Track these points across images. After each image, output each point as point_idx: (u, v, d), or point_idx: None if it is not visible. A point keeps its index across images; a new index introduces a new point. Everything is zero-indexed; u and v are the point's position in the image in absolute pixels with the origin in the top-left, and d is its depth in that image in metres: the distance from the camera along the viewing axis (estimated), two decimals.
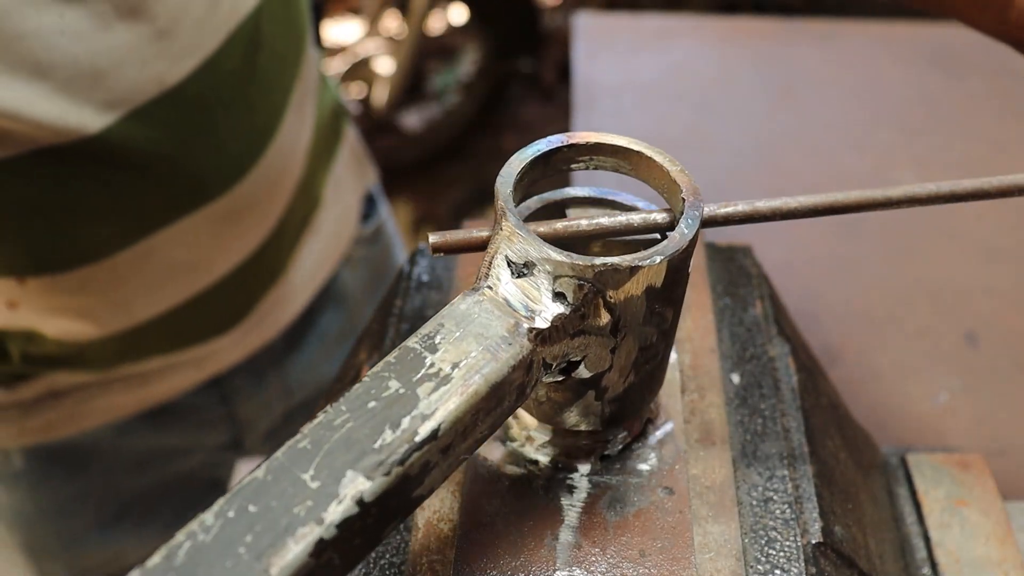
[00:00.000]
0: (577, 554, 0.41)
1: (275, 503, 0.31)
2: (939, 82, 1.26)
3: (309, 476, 0.32)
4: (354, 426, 0.33)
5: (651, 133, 1.21)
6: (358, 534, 0.32)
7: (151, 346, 0.83)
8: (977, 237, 1.03)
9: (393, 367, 0.35)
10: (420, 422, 0.33)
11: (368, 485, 0.32)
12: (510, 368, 0.35)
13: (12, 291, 0.73)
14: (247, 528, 0.30)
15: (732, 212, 0.42)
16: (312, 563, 0.30)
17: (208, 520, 0.31)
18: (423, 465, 0.33)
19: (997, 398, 0.82)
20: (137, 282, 0.76)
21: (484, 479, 0.44)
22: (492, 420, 0.36)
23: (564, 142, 0.42)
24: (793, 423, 0.49)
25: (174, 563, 0.29)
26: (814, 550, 0.43)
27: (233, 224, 0.79)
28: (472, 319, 0.36)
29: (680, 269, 0.39)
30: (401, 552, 0.43)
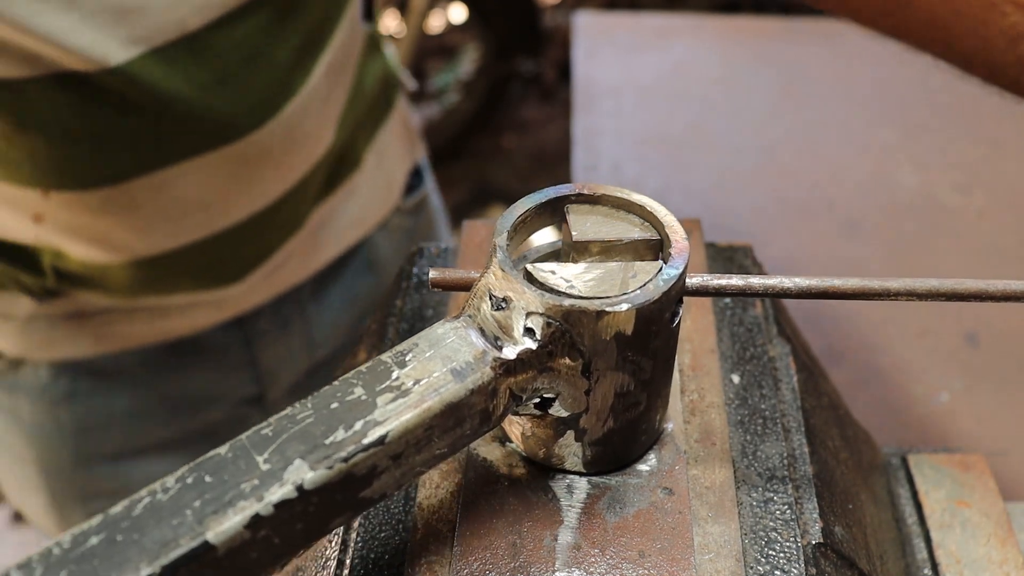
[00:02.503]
0: (576, 555, 0.41)
1: (228, 477, 0.35)
2: (939, 82, 1.26)
3: (262, 459, 0.35)
4: (313, 422, 0.36)
5: (651, 133, 1.21)
6: (299, 519, 0.35)
7: (171, 281, 0.86)
8: (978, 237, 1.02)
9: (362, 375, 0.38)
10: (371, 427, 0.36)
11: (310, 475, 0.35)
12: (468, 392, 0.38)
13: (37, 203, 0.77)
14: (198, 495, 0.34)
15: (725, 284, 0.42)
16: (248, 535, 0.33)
17: (169, 483, 0.35)
18: (370, 467, 0.36)
19: (998, 398, 0.82)
20: (154, 212, 0.80)
21: (483, 480, 0.44)
22: (452, 439, 0.39)
23: (572, 191, 0.43)
24: (793, 423, 0.49)
25: (132, 513, 0.34)
26: (814, 551, 0.43)
27: (249, 171, 0.82)
28: (444, 342, 0.39)
29: (654, 321, 0.39)
30: (400, 553, 0.43)
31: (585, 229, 0.42)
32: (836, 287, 0.42)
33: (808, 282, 0.42)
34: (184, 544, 0.33)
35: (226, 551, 0.33)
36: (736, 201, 1.11)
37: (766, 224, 1.07)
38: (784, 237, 1.04)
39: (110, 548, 0.33)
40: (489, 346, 0.39)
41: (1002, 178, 1.12)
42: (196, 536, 0.33)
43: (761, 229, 1.06)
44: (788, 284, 0.42)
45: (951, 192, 1.10)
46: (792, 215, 1.09)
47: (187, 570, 0.33)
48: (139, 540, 0.33)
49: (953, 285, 0.41)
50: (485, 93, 2.89)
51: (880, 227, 1.05)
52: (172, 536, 0.33)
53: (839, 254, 1.00)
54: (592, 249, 0.41)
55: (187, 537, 0.33)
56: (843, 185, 1.12)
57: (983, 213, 1.06)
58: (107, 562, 0.32)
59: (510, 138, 3.00)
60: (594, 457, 0.44)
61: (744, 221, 1.08)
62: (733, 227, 1.06)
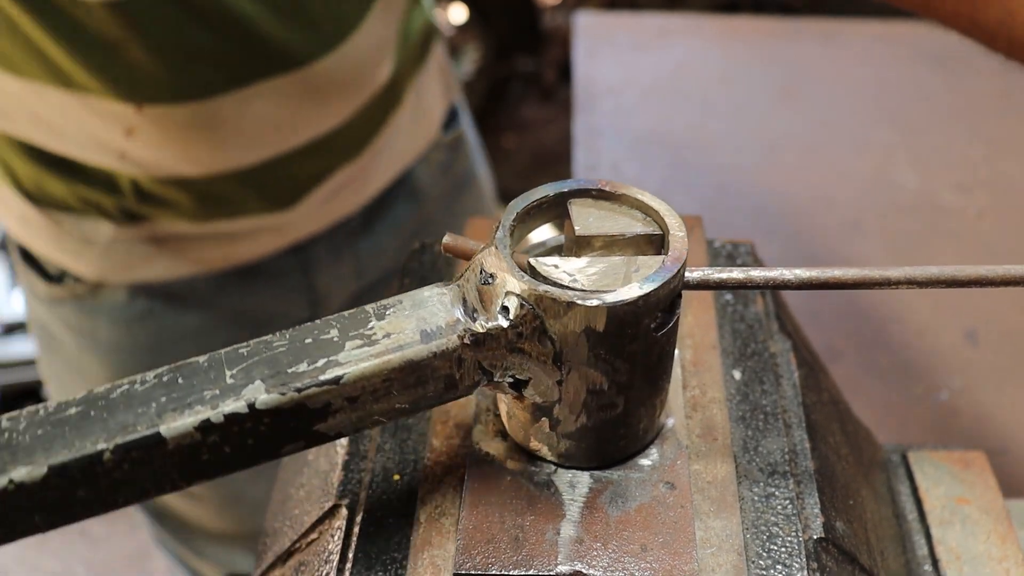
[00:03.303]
0: (579, 548, 0.41)
1: (196, 383, 0.38)
2: (939, 82, 1.26)
3: (230, 374, 0.38)
4: (284, 351, 0.39)
5: (651, 133, 1.21)
6: (249, 435, 0.38)
7: (239, 201, 0.94)
8: (978, 237, 1.03)
9: (343, 320, 0.40)
10: (332, 366, 0.38)
11: (264, 396, 0.37)
12: (432, 354, 0.39)
13: (131, 117, 0.85)
14: (167, 392, 0.38)
15: (726, 278, 0.42)
16: (198, 437, 0.37)
17: (149, 377, 0.39)
18: (325, 403, 0.38)
19: (998, 396, 0.82)
20: (232, 129, 0.89)
21: (485, 474, 0.44)
22: (413, 397, 0.40)
23: (595, 186, 0.43)
24: (794, 419, 0.49)
25: (109, 395, 0.38)
26: (815, 545, 0.43)
27: (315, 97, 0.91)
28: (425, 305, 0.41)
29: (629, 324, 0.39)
30: (402, 547, 0.43)
31: (588, 224, 0.42)
32: (836, 278, 0.42)
33: (809, 273, 0.42)
34: (139, 431, 0.36)
35: (175, 446, 0.37)
36: (736, 200, 1.11)
37: (766, 223, 1.07)
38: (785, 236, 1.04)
39: (82, 420, 0.37)
40: (465, 316, 0.40)
41: (1002, 178, 1.12)
42: (152, 427, 0.36)
43: (761, 228, 1.06)
44: (789, 276, 0.42)
45: (951, 192, 1.10)
46: (792, 215, 1.09)
47: (138, 454, 0.36)
48: (106, 419, 0.37)
49: (953, 272, 0.42)
50: (485, 93, 2.89)
51: (880, 227, 1.05)
52: (132, 422, 0.37)
53: (839, 253, 1.00)
54: (595, 244, 0.41)
55: (144, 425, 0.37)
56: (843, 185, 1.12)
57: (983, 213, 1.06)
58: (75, 431, 0.36)
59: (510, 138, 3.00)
60: (568, 451, 0.44)
61: (744, 220, 1.08)
62: (733, 227, 1.06)
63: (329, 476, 0.48)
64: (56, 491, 0.36)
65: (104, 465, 0.36)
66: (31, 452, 0.36)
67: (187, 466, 0.38)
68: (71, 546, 2.09)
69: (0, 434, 0.37)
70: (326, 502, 0.47)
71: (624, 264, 0.41)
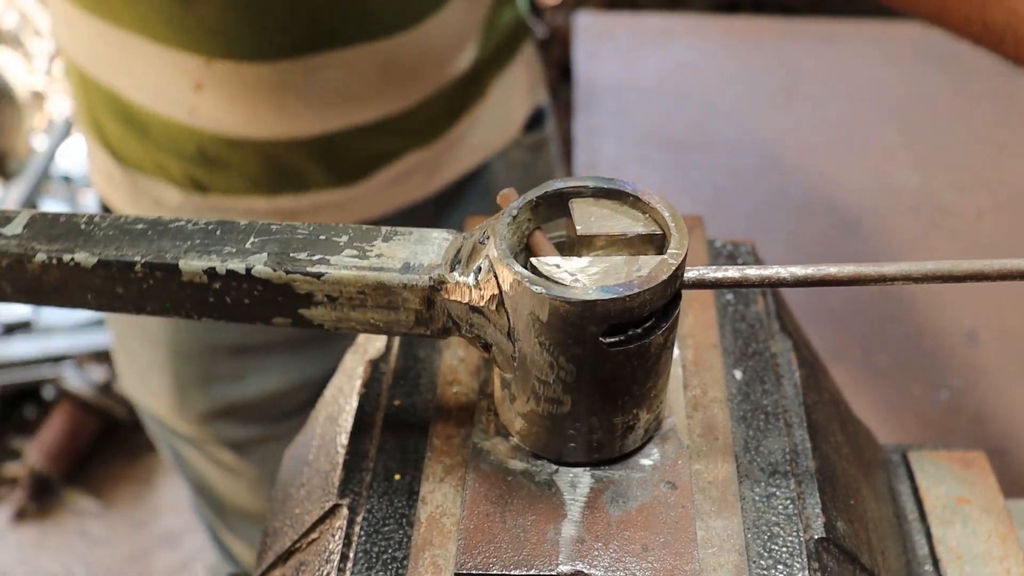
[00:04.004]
0: (580, 548, 0.41)
1: (225, 239, 0.44)
2: (939, 82, 1.26)
3: (252, 241, 0.44)
4: (299, 239, 0.44)
5: (652, 133, 1.21)
6: (245, 295, 0.43)
7: (304, 173, 0.94)
8: (978, 237, 1.03)
9: (358, 231, 0.44)
10: (321, 263, 0.43)
11: (260, 267, 0.43)
12: (402, 285, 0.42)
13: (201, 71, 0.86)
14: (202, 237, 0.44)
15: (722, 277, 0.42)
16: (205, 279, 0.43)
17: (200, 221, 0.45)
18: (307, 292, 0.43)
19: (998, 396, 0.82)
20: (301, 95, 0.88)
21: (486, 473, 0.44)
22: (386, 318, 0.43)
23: (621, 187, 0.43)
24: (795, 419, 0.49)
25: (168, 225, 0.45)
26: (816, 545, 0.43)
27: (388, 72, 0.90)
28: (425, 243, 0.43)
29: (572, 324, 0.39)
30: (404, 546, 0.43)
31: (590, 223, 0.42)
32: (832, 275, 0.42)
33: (805, 271, 0.42)
34: (166, 259, 0.43)
35: (188, 280, 0.43)
36: (736, 200, 1.11)
37: (766, 223, 1.07)
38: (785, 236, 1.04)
39: (139, 236, 0.44)
40: (447, 264, 0.42)
41: (1002, 178, 1.12)
42: (175, 259, 0.43)
43: (761, 228, 1.06)
44: (784, 274, 0.42)
45: (951, 192, 1.10)
46: (792, 215, 1.09)
47: (160, 275, 0.43)
48: (152, 241, 0.44)
49: (949, 267, 0.41)
50: None
51: (880, 227, 1.05)
52: (167, 250, 0.44)
53: (840, 254, 1.00)
54: (597, 243, 0.41)
55: (171, 255, 0.43)
56: (843, 185, 1.12)
57: (983, 213, 1.06)
58: (130, 242, 0.44)
59: None
60: (523, 432, 0.45)
61: (744, 220, 1.08)
62: (733, 227, 1.06)
63: (330, 475, 0.48)
64: (101, 280, 0.44)
65: (136, 274, 0.44)
66: (94, 244, 0.44)
67: (196, 301, 0.44)
68: (71, 546, 2.09)
69: (88, 224, 0.45)
70: (327, 501, 0.47)
71: (625, 264, 0.40)
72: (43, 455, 2.14)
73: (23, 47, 2.97)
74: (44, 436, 2.18)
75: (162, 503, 2.19)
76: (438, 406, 0.48)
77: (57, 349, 2.24)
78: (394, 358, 0.52)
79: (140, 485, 2.22)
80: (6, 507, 2.14)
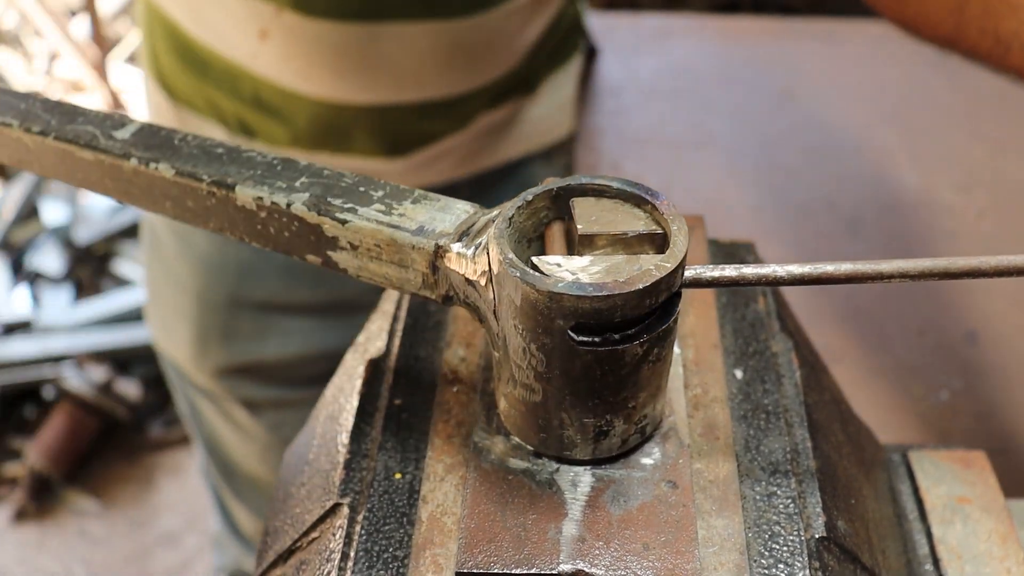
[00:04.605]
0: (581, 547, 0.41)
1: (283, 174, 0.47)
2: (939, 82, 1.26)
3: (302, 180, 0.47)
4: (343, 186, 0.46)
5: (651, 132, 1.21)
6: (284, 228, 0.47)
7: (349, 135, 0.95)
8: (978, 237, 1.03)
9: (394, 188, 0.46)
10: (349, 212, 0.45)
11: (299, 205, 0.45)
12: (412, 246, 0.44)
13: (268, 18, 0.88)
14: (265, 169, 0.47)
15: (719, 276, 0.42)
16: (253, 206, 0.47)
17: (268, 155, 0.48)
18: (333, 236, 0.45)
19: (998, 396, 0.82)
20: (358, 61, 0.90)
21: (487, 472, 0.44)
22: (399, 275, 0.45)
23: (640, 193, 0.43)
24: (796, 419, 0.49)
25: (242, 154, 0.48)
26: (817, 544, 0.43)
27: (448, 54, 0.91)
28: (448, 211, 0.45)
29: (541, 314, 0.39)
30: (404, 546, 0.43)
31: (591, 222, 0.42)
32: (829, 273, 0.42)
33: (802, 269, 0.42)
34: (229, 181, 0.47)
35: (242, 204, 0.47)
36: (736, 200, 1.11)
37: (766, 223, 1.07)
38: (785, 236, 1.04)
39: (214, 158, 0.48)
40: (456, 234, 0.43)
41: (1002, 178, 1.12)
42: (235, 182, 0.47)
43: (761, 228, 1.06)
44: (781, 272, 0.42)
45: (951, 192, 1.10)
46: (792, 215, 1.09)
47: (221, 194, 0.47)
48: (224, 164, 0.48)
49: (946, 264, 0.41)
50: None
51: (880, 227, 1.05)
52: (233, 174, 0.47)
53: (840, 253, 1.00)
54: (598, 242, 0.41)
55: (233, 179, 0.47)
56: (843, 185, 1.12)
57: (983, 213, 1.06)
58: (206, 162, 0.48)
59: None
60: (506, 412, 0.45)
61: (744, 220, 1.08)
62: (733, 227, 1.06)
63: (331, 474, 0.48)
64: (177, 190, 0.48)
65: (201, 191, 0.47)
66: (178, 158, 0.48)
67: (248, 225, 0.48)
68: (71, 546, 2.09)
69: (181, 141, 0.49)
70: (328, 500, 0.47)
71: (626, 263, 0.40)
72: (43, 455, 2.14)
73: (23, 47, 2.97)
74: (44, 436, 2.18)
75: (162, 503, 2.19)
76: (439, 405, 0.48)
77: (57, 349, 2.24)
78: (394, 357, 0.52)
79: (140, 485, 2.22)
80: (6, 507, 2.14)
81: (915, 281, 0.41)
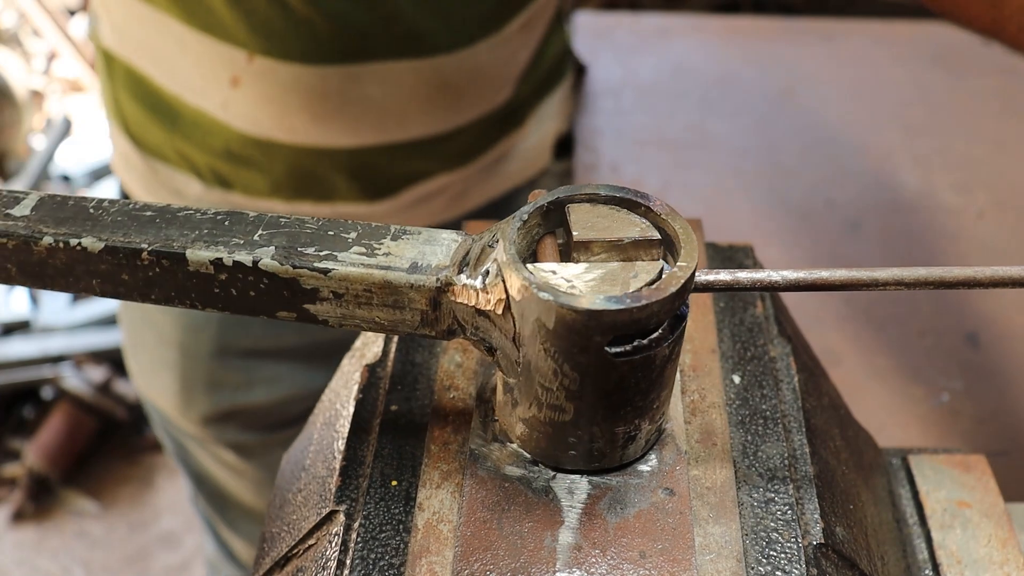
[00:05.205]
0: (577, 555, 0.41)
1: (233, 230, 0.44)
2: (939, 82, 1.26)
3: (260, 233, 0.44)
4: (307, 233, 0.44)
5: (651, 133, 1.21)
6: (251, 287, 0.43)
7: (329, 184, 0.92)
8: (978, 237, 1.02)
9: (367, 227, 0.44)
10: (328, 259, 0.42)
11: (268, 260, 0.42)
12: (409, 285, 0.42)
13: (239, 65, 0.84)
14: (211, 227, 0.44)
15: (713, 280, 0.42)
16: (211, 270, 0.43)
17: (208, 211, 0.45)
18: (314, 288, 0.43)
19: (999, 399, 0.82)
20: (337, 104, 0.86)
21: (484, 480, 0.44)
22: (392, 318, 0.43)
23: (631, 197, 0.43)
24: (794, 424, 0.49)
25: (176, 213, 0.45)
26: (815, 551, 0.43)
27: (430, 93, 0.88)
28: (435, 243, 0.43)
29: (578, 332, 0.38)
30: (400, 553, 0.43)
31: (586, 228, 0.42)
32: (824, 279, 0.41)
33: (796, 275, 0.42)
34: (174, 247, 0.43)
35: (194, 270, 0.43)
36: (736, 201, 1.11)
37: (766, 224, 1.07)
38: (785, 237, 1.04)
39: (147, 222, 0.44)
40: (455, 266, 0.42)
41: (1002, 178, 1.12)
42: (183, 247, 0.43)
43: (761, 229, 1.06)
44: (776, 277, 0.42)
45: (951, 192, 1.10)
46: (792, 215, 1.08)
47: (167, 263, 0.43)
48: (160, 228, 0.44)
49: (941, 273, 0.41)
50: None
51: (880, 227, 1.05)
52: (175, 238, 0.43)
53: (840, 254, 1.00)
54: (593, 249, 0.41)
55: (179, 244, 0.43)
56: (843, 185, 1.12)
57: (983, 213, 1.06)
58: (138, 228, 0.44)
59: None
60: (523, 436, 0.44)
61: (744, 221, 1.08)
62: (733, 227, 1.06)
63: (327, 481, 0.48)
64: (107, 266, 0.44)
65: (142, 261, 0.43)
66: (102, 229, 0.44)
67: (202, 291, 0.44)
68: (70, 547, 2.09)
69: (97, 208, 0.45)
70: (324, 507, 0.46)
71: (622, 270, 0.40)
72: (42, 455, 2.14)
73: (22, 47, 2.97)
74: (43, 436, 2.18)
75: (161, 504, 2.19)
76: (435, 411, 0.48)
77: (56, 349, 2.24)
78: (391, 363, 0.52)
79: (139, 486, 2.22)
80: (5, 508, 2.14)
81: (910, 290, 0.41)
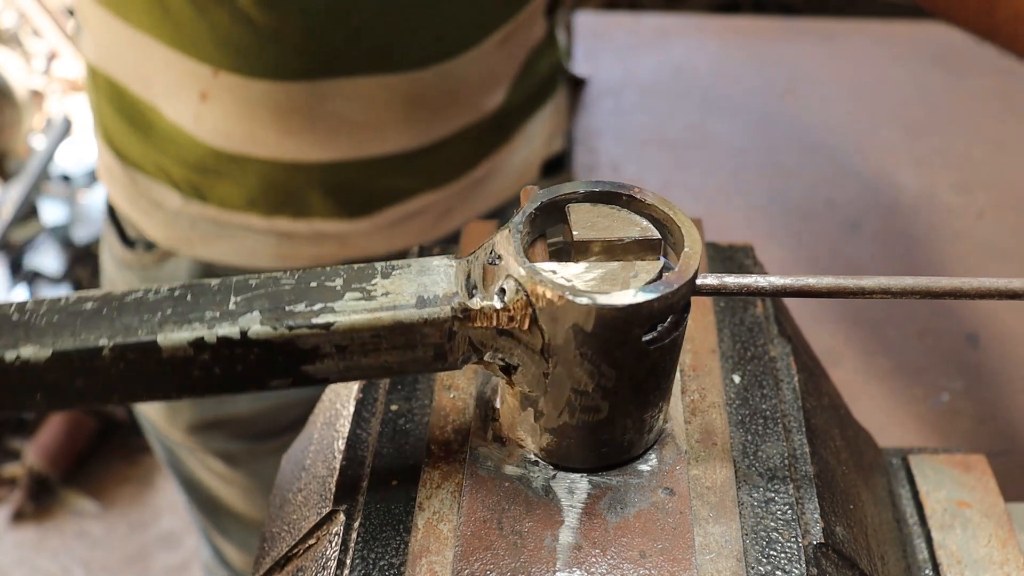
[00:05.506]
0: (577, 555, 0.41)
1: (202, 302, 0.39)
2: (939, 82, 1.26)
3: (234, 300, 0.39)
4: (288, 289, 0.40)
5: (651, 132, 1.21)
6: (239, 360, 0.39)
7: (305, 199, 0.91)
8: (978, 237, 1.02)
9: (350, 271, 0.41)
10: (326, 312, 0.39)
11: (257, 327, 0.38)
12: (422, 320, 0.39)
13: (206, 80, 0.84)
14: (173, 306, 0.39)
15: (700, 284, 0.42)
16: (190, 352, 0.38)
17: (163, 289, 0.40)
18: (313, 346, 0.39)
19: (998, 399, 0.82)
20: (308, 120, 0.85)
21: (483, 479, 0.44)
22: (402, 358, 0.41)
23: (611, 189, 0.43)
24: (794, 423, 0.49)
25: (124, 299, 0.39)
26: (815, 551, 0.43)
27: (405, 108, 0.87)
28: (430, 272, 0.41)
29: (619, 329, 0.39)
30: (400, 553, 0.43)
31: (586, 228, 0.42)
32: (810, 286, 0.42)
33: (783, 281, 0.42)
34: (139, 336, 0.38)
35: (169, 356, 0.38)
36: (736, 201, 1.11)
37: (766, 224, 1.07)
38: (785, 237, 1.04)
39: (94, 316, 0.39)
40: (463, 291, 0.40)
41: (1002, 178, 1.12)
42: (151, 334, 0.38)
43: (761, 229, 1.06)
44: (763, 283, 0.42)
45: (951, 192, 1.10)
46: (792, 215, 1.09)
47: (134, 356, 0.38)
48: (113, 319, 0.39)
49: (927, 283, 0.41)
50: None
51: (880, 227, 1.05)
52: (136, 326, 0.38)
53: (839, 254, 1.00)
54: (593, 249, 0.41)
55: (144, 331, 0.38)
56: (843, 185, 1.12)
57: (983, 213, 1.06)
58: (85, 324, 0.38)
59: None
60: (550, 446, 0.44)
61: (744, 220, 1.08)
62: (733, 227, 1.06)
63: (327, 481, 0.48)
64: (57, 375, 0.38)
65: (103, 360, 0.38)
66: (41, 335, 0.38)
67: (179, 378, 0.39)
68: (69, 547, 2.09)
69: (23, 313, 0.39)
70: (324, 507, 0.46)
71: (622, 270, 0.40)
72: (41, 455, 2.14)
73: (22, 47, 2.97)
74: (42, 436, 2.18)
75: (161, 504, 2.19)
76: (435, 411, 0.48)
77: None
78: None
79: (139, 486, 2.22)
80: (5, 508, 2.14)
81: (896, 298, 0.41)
